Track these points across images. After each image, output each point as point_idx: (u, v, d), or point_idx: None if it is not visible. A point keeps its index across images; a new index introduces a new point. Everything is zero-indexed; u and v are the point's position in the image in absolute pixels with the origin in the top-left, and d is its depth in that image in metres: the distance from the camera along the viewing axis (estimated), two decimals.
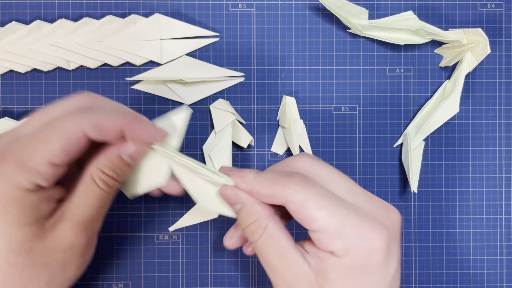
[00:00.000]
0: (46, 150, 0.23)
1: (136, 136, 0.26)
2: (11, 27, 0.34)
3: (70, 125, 0.24)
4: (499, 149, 0.37)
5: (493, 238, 0.36)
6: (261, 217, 0.26)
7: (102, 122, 0.24)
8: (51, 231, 0.25)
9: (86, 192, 0.26)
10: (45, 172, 0.24)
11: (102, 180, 0.26)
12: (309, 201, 0.24)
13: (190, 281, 0.36)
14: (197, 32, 0.35)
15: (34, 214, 0.24)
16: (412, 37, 0.35)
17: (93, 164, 0.26)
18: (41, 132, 0.24)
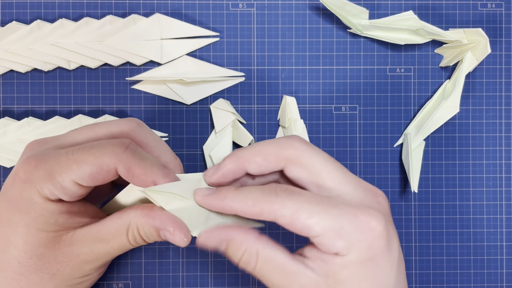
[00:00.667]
0: (77, 171, 0.24)
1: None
2: (11, 27, 0.34)
3: (108, 157, 0.24)
4: (499, 149, 0.37)
5: (493, 238, 0.36)
6: (248, 245, 0.25)
7: (134, 170, 0.25)
8: (66, 245, 0.25)
9: (115, 235, 0.26)
10: (68, 189, 0.24)
11: (134, 236, 0.26)
12: (299, 212, 0.24)
13: (190, 281, 0.36)
14: (198, 32, 0.35)
15: (52, 222, 0.25)
16: (412, 37, 0.35)
17: (134, 215, 0.26)
18: (80, 153, 0.24)
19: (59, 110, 0.35)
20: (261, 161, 0.26)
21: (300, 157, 0.26)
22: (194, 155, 0.36)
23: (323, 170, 0.25)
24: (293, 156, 0.26)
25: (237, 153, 0.26)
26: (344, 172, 0.26)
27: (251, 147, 0.26)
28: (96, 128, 0.27)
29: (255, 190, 0.25)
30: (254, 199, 0.24)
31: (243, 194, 0.25)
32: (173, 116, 0.36)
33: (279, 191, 0.24)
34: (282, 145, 0.26)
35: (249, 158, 0.26)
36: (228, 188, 0.26)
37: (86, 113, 0.35)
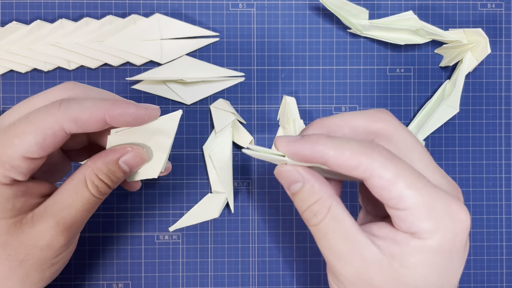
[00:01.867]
0: (21, 144, 0.23)
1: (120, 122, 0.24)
2: (11, 27, 0.34)
3: (46, 119, 0.23)
4: (499, 149, 0.37)
5: (493, 238, 0.36)
6: (324, 195, 0.23)
7: (80, 115, 0.23)
8: (28, 227, 0.24)
9: (75, 194, 0.25)
10: (20, 166, 0.23)
11: (94, 185, 0.25)
12: (400, 178, 0.21)
13: (190, 281, 0.36)
14: (197, 32, 0.35)
15: (9, 208, 0.24)
16: (412, 37, 0.35)
17: (87, 166, 0.25)
18: (17, 125, 0.23)
19: None
20: (348, 132, 0.24)
21: (392, 133, 0.24)
22: (194, 155, 0.36)
23: (413, 151, 0.24)
24: (384, 131, 0.24)
25: (323, 121, 0.24)
26: (432, 159, 0.24)
27: (337, 116, 0.24)
28: (33, 100, 0.25)
29: (353, 141, 0.22)
30: (352, 150, 0.22)
31: (340, 142, 0.22)
32: None
33: (381, 149, 0.22)
34: (373, 117, 0.24)
35: (335, 128, 0.24)
36: (319, 135, 0.23)
37: None
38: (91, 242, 0.35)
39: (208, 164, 0.35)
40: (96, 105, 0.24)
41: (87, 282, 0.35)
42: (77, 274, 0.35)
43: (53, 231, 0.24)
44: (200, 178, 0.36)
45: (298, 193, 0.24)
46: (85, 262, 0.35)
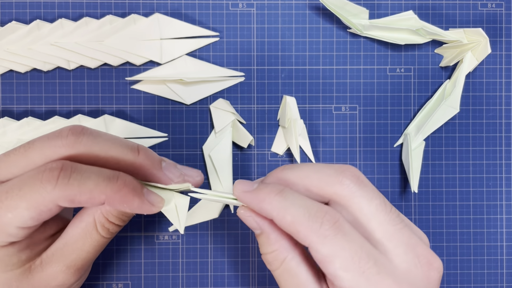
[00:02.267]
0: (15, 219, 0.22)
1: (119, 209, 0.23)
2: (11, 27, 0.34)
3: (41, 197, 0.21)
4: (500, 149, 0.37)
5: (493, 238, 0.36)
6: (279, 248, 0.23)
7: (79, 197, 0.22)
8: (38, 272, 0.24)
9: (84, 237, 0.24)
10: (16, 234, 0.22)
11: (105, 228, 0.24)
12: (336, 258, 0.21)
13: (190, 281, 0.36)
14: (197, 32, 0.35)
15: (15, 262, 0.23)
16: (412, 37, 0.35)
17: (96, 209, 0.24)
18: (10, 199, 0.22)
19: (58, 110, 0.35)
20: (303, 191, 0.23)
21: (347, 200, 0.22)
22: (194, 155, 0.36)
23: (372, 220, 0.22)
24: (338, 197, 0.22)
25: (280, 176, 0.23)
26: (399, 228, 0.22)
27: (296, 171, 0.23)
28: (30, 153, 0.23)
29: (299, 207, 0.21)
30: (294, 218, 0.21)
31: (284, 205, 0.22)
32: (173, 116, 0.36)
33: (326, 221, 0.21)
34: (328, 179, 0.22)
35: (291, 184, 0.23)
36: (270, 190, 0.22)
37: (86, 113, 0.35)
38: None
39: (208, 164, 0.35)
40: (99, 187, 0.22)
41: (87, 282, 0.35)
42: None
43: (64, 274, 0.24)
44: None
45: (257, 237, 0.24)
46: None
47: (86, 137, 0.23)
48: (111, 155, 0.23)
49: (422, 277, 0.22)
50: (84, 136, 0.23)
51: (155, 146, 0.35)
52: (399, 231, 0.22)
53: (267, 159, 0.36)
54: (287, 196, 0.22)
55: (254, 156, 0.36)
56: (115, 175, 0.22)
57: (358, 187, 0.22)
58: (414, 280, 0.22)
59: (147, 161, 0.24)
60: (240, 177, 0.36)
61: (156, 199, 0.24)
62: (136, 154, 0.23)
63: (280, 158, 0.36)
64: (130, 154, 0.23)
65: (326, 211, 0.21)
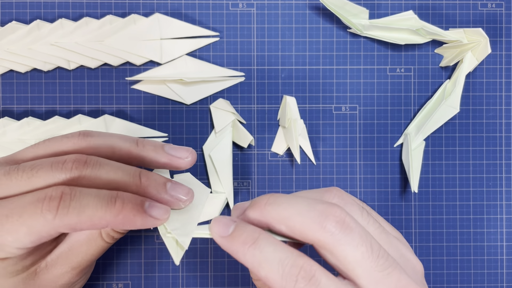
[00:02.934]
0: (14, 241, 0.22)
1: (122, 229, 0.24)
2: (11, 27, 0.34)
3: (41, 225, 0.21)
4: (500, 149, 0.37)
5: (493, 238, 0.36)
6: None
7: (79, 225, 0.22)
8: (44, 273, 0.25)
9: (89, 243, 0.25)
10: (15, 252, 0.23)
11: (109, 235, 0.25)
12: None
13: (190, 281, 0.36)
14: (197, 32, 0.35)
15: (19, 268, 0.24)
16: (412, 37, 0.35)
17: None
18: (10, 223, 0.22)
19: (58, 110, 0.35)
20: (285, 230, 0.22)
21: (331, 247, 0.21)
22: None
23: (357, 267, 0.21)
24: (321, 243, 0.21)
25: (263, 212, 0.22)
26: (387, 274, 0.21)
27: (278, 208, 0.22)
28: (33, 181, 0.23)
29: (273, 262, 0.21)
30: (267, 273, 0.21)
31: (257, 259, 0.21)
32: (173, 116, 0.36)
33: (301, 279, 0.20)
34: (311, 225, 0.21)
35: (272, 222, 0.22)
36: (244, 240, 0.21)
37: (86, 113, 0.35)
38: None
39: (208, 164, 0.35)
40: (98, 214, 0.22)
41: (87, 282, 0.35)
42: None
43: (69, 274, 0.25)
44: (200, 178, 0.36)
45: None
46: None
47: (90, 170, 0.23)
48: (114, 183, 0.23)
49: None
50: (88, 168, 0.23)
51: None
52: (387, 276, 0.21)
53: (267, 159, 0.36)
54: (261, 248, 0.21)
55: (254, 156, 0.36)
56: (113, 196, 0.22)
57: (343, 234, 0.21)
58: None
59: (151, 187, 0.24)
60: (240, 176, 0.36)
61: (160, 212, 0.23)
62: (138, 181, 0.24)
63: (280, 158, 0.36)
64: (132, 182, 0.23)
65: (301, 266, 0.21)
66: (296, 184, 0.36)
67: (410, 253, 0.24)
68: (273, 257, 0.21)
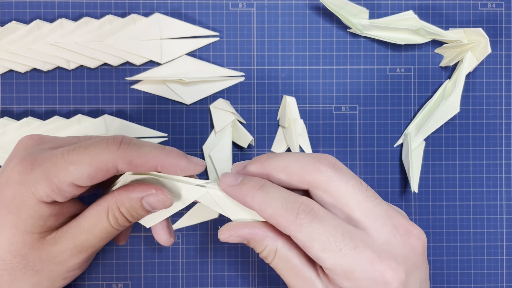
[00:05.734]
0: (74, 172, 0.24)
1: (168, 171, 0.25)
2: (11, 27, 0.34)
3: (104, 155, 0.24)
4: (500, 149, 0.37)
5: (494, 238, 0.36)
6: (269, 243, 0.25)
7: (136, 159, 0.24)
8: (49, 245, 0.25)
9: (95, 221, 0.26)
10: (65, 191, 0.24)
11: (115, 216, 0.26)
12: (314, 242, 0.23)
13: (190, 281, 0.36)
14: (197, 32, 0.35)
15: (40, 224, 0.25)
16: (412, 37, 0.35)
17: (112, 195, 0.26)
18: (76, 154, 0.24)
19: (58, 110, 0.35)
20: (284, 178, 0.25)
21: (326, 184, 0.24)
22: (194, 155, 0.36)
23: (350, 200, 0.24)
24: (317, 182, 0.24)
25: (264, 163, 0.25)
26: (376, 204, 0.24)
27: (278, 159, 0.25)
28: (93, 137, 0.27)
29: (278, 200, 0.24)
30: (273, 210, 0.24)
31: (265, 199, 0.24)
32: (173, 116, 0.36)
33: (301, 211, 0.23)
34: (308, 167, 0.24)
35: (273, 171, 0.25)
36: (253, 185, 0.25)
37: (86, 113, 0.35)
38: None
39: (208, 164, 0.35)
40: (152, 152, 0.25)
41: (87, 282, 0.35)
42: None
43: (70, 252, 0.26)
44: (200, 178, 0.36)
45: (248, 244, 0.26)
46: None
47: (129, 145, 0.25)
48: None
49: (403, 246, 0.24)
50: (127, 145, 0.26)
51: None
52: (376, 206, 0.24)
53: None
54: (267, 190, 0.24)
55: (254, 156, 0.36)
56: (163, 146, 0.26)
57: (335, 171, 0.24)
58: (395, 250, 0.23)
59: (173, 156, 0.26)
60: None
61: (198, 160, 0.26)
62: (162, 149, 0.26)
63: None
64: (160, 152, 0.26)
65: (302, 201, 0.24)
66: None
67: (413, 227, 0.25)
68: (278, 196, 0.24)
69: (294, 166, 0.25)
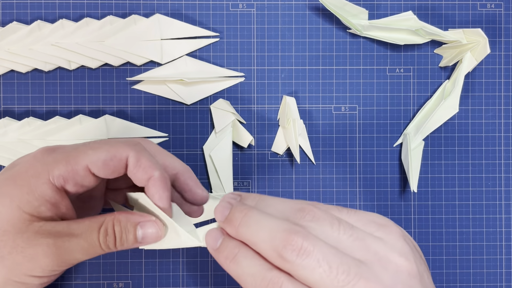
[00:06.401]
0: (92, 155, 0.25)
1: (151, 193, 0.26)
2: (12, 27, 0.34)
3: (120, 147, 0.25)
4: (499, 149, 0.37)
5: (493, 238, 0.37)
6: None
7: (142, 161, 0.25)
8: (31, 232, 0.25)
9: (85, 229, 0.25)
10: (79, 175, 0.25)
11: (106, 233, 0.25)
12: None
13: (190, 280, 0.36)
14: (198, 32, 0.36)
15: (35, 205, 0.25)
16: (412, 37, 0.35)
17: (112, 214, 0.26)
18: (97, 142, 0.26)
19: (59, 110, 0.36)
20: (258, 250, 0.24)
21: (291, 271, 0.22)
22: (194, 155, 0.36)
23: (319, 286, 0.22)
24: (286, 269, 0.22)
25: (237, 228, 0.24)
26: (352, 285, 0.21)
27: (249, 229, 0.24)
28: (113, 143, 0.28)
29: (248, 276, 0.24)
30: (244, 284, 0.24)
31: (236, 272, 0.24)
32: (173, 116, 0.36)
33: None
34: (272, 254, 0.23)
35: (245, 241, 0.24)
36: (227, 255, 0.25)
37: (87, 113, 0.35)
38: None
39: (208, 164, 0.35)
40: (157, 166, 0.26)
41: (87, 282, 0.35)
42: (78, 274, 0.35)
43: (46, 249, 0.25)
44: (200, 178, 0.36)
45: None
46: (85, 261, 0.35)
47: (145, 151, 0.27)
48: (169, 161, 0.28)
49: None
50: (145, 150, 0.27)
51: None
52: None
53: (267, 159, 0.36)
54: (238, 263, 0.24)
55: (254, 156, 0.36)
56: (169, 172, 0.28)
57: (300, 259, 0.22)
58: None
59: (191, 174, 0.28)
60: (240, 176, 0.36)
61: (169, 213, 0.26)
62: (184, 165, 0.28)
63: (280, 158, 0.36)
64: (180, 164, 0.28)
65: (270, 279, 0.23)
66: (296, 184, 0.36)
67: (392, 253, 0.23)
68: (248, 272, 0.24)
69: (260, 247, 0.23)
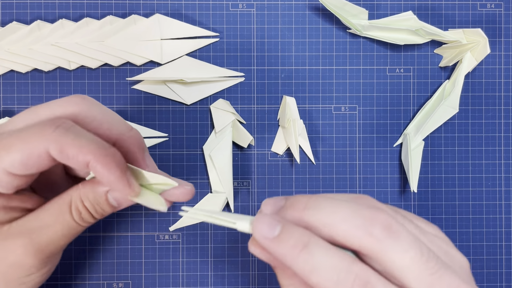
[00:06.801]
0: (6, 158, 0.21)
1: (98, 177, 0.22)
2: (11, 27, 0.34)
3: (36, 139, 0.21)
4: (499, 149, 0.37)
5: (493, 238, 0.37)
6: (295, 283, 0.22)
7: (68, 149, 0.21)
8: (1, 239, 0.23)
9: (56, 215, 0.23)
10: (2, 180, 0.22)
11: (78, 211, 0.23)
12: None
13: (190, 280, 0.36)
14: (198, 32, 0.36)
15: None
16: (412, 37, 0.35)
17: (76, 188, 0.23)
18: (8, 138, 0.22)
19: None
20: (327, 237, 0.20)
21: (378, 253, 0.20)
22: (194, 155, 0.36)
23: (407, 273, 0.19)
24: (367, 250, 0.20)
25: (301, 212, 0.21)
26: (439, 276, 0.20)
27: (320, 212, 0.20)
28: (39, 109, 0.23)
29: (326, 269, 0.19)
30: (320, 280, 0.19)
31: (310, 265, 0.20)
32: (173, 116, 0.36)
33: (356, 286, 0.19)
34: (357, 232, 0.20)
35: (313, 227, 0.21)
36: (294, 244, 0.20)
37: None
38: (92, 241, 0.35)
39: (208, 164, 0.35)
40: (89, 147, 0.22)
41: (87, 282, 0.35)
42: (77, 274, 0.35)
43: (24, 249, 0.23)
44: (200, 178, 0.36)
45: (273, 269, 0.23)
46: (85, 261, 0.35)
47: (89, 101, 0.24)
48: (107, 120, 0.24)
49: None
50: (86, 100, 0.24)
51: (155, 146, 0.36)
52: (438, 279, 0.20)
53: (267, 159, 0.36)
54: (313, 253, 0.20)
55: (254, 156, 0.36)
56: (106, 145, 0.22)
57: (391, 239, 0.20)
58: None
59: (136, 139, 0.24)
60: (240, 176, 0.36)
61: (134, 183, 0.23)
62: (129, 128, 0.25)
63: (280, 158, 0.36)
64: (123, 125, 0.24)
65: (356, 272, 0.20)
66: (296, 184, 0.36)
67: (453, 249, 0.22)
68: (326, 263, 0.19)
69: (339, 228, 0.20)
